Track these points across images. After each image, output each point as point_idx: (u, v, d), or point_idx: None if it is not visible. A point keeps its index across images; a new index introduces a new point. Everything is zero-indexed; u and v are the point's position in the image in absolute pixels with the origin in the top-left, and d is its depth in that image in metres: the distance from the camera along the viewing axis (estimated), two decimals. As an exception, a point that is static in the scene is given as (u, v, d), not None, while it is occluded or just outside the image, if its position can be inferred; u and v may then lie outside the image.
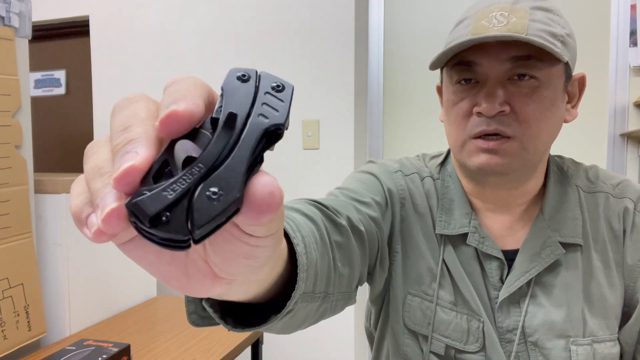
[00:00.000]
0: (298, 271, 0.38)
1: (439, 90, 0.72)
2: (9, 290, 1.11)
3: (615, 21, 1.91)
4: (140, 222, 0.20)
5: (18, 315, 1.13)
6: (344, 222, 0.56)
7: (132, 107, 0.23)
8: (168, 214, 0.20)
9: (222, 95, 0.23)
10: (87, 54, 2.39)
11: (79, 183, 0.23)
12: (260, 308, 0.41)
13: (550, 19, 0.59)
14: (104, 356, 0.98)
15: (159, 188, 0.20)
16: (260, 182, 0.22)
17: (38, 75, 2.58)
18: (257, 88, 0.23)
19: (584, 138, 1.98)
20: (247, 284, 0.29)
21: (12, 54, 1.13)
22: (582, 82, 0.66)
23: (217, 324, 0.40)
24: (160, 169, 0.21)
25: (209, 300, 0.39)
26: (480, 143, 0.60)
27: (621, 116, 1.91)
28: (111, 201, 0.20)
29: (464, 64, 0.60)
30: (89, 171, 0.22)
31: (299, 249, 0.39)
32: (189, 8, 2.09)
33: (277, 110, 0.23)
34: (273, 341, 2.01)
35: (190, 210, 0.20)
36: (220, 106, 0.23)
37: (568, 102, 0.65)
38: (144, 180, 0.21)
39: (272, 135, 0.23)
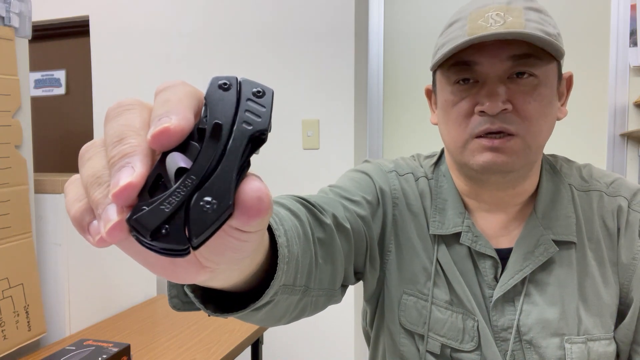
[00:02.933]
0: (278, 262, 0.39)
1: (429, 93, 0.72)
2: (9, 290, 1.11)
3: (615, 21, 1.91)
4: (141, 235, 0.22)
5: (18, 315, 1.13)
6: (328, 219, 0.56)
7: (126, 115, 0.24)
8: (167, 226, 0.22)
9: (205, 104, 0.24)
10: (87, 54, 2.39)
11: (74, 186, 0.24)
12: (241, 298, 0.42)
13: (543, 19, 0.59)
14: (104, 356, 0.97)
15: (156, 202, 0.22)
16: (249, 188, 0.23)
17: (38, 75, 2.58)
18: (239, 95, 0.24)
19: (584, 138, 1.98)
20: (229, 271, 0.30)
21: (12, 54, 1.13)
22: (569, 81, 0.67)
23: (198, 309, 0.41)
24: (155, 181, 0.22)
25: (190, 285, 0.39)
26: (485, 142, 0.60)
27: (621, 116, 1.92)
28: (113, 214, 0.22)
29: (462, 64, 0.60)
30: (87, 178, 0.23)
31: (281, 240, 0.40)
32: (189, 8, 2.09)
33: (259, 117, 0.24)
34: (273, 341, 2.01)
35: (187, 221, 0.22)
36: (206, 116, 0.24)
37: (558, 100, 0.66)
38: (140, 194, 0.22)
39: (257, 140, 0.24)
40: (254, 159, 2.02)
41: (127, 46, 2.20)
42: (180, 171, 0.22)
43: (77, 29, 2.42)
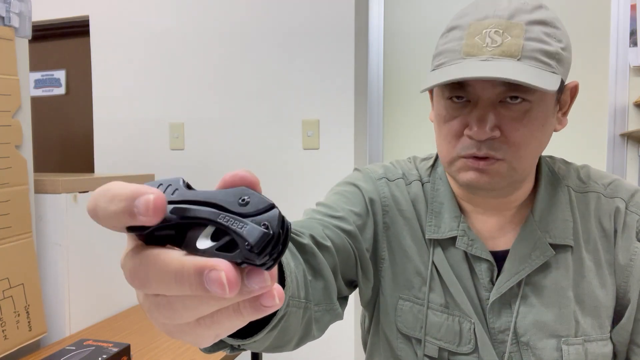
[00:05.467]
0: (284, 269, 0.40)
1: (430, 91, 0.72)
2: (9, 290, 1.11)
3: (615, 21, 1.91)
4: (275, 238, 0.23)
5: (18, 315, 1.13)
6: (305, 240, 0.57)
7: (162, 272, 0.24)
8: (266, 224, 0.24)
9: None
10: (87, 54, 2.39)
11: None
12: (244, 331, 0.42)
13: (547, 33, 0.57)
14: (104, 356, 0.97)
15: (238, 228, 0.23)
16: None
17: (38, 75, 2.58)
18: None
19: (584, 138, 1.98)
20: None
21: (12, 54, 1.13)
22: (574, 90, 0.65)
23: (224, 347, 0.42)
24: (225, 248, 0.24)
25: None
26: (470, 162, 0.60)
27: (621, 116, 1.92)
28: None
29: (456, 82, 0.59)
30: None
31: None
32: (189, 8, 2.09)
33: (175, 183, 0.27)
34: (273, 341, 2.01)
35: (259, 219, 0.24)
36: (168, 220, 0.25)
37: (559, 110, 0.64)
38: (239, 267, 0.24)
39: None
40: (255, 159, 2.02)
41: (127, 46, 2.20)
42: (217, 232, 0.24)
43: (77, 29, 2.42)
